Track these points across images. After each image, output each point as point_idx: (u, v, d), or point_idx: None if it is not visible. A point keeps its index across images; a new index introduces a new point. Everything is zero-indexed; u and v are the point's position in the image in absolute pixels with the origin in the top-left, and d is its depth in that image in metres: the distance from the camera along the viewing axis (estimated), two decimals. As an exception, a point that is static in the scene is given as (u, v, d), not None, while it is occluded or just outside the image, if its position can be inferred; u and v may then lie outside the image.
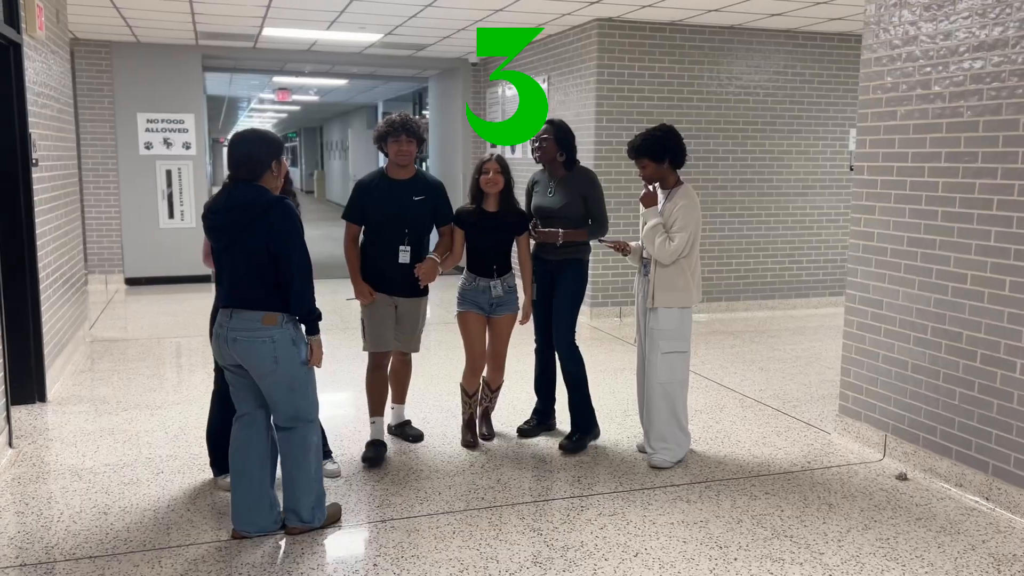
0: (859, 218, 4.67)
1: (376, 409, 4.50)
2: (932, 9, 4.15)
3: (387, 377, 4.54)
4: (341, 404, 5.45)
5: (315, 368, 3.46)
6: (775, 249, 8.88)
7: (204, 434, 4.77)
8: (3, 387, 4.50)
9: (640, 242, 4.36)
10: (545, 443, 4.69)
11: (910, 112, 4.32)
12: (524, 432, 4.81)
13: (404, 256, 4.28)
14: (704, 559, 3.35)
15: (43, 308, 5.39)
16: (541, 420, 4.88)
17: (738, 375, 6.24)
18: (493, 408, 4.80)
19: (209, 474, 4.17)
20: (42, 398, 5.35)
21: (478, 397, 4.65)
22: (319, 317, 3.36)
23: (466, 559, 3.33)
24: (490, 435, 4.72)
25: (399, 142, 4.23)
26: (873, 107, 4.55)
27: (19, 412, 5.10)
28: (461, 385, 4.60)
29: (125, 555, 3.33)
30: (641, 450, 4.57)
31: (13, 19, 5.07)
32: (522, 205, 4.63)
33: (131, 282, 10.26)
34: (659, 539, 3.52)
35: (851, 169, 8.87)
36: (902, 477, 4.23)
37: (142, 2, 7.48)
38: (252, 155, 3.29)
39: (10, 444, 4.51)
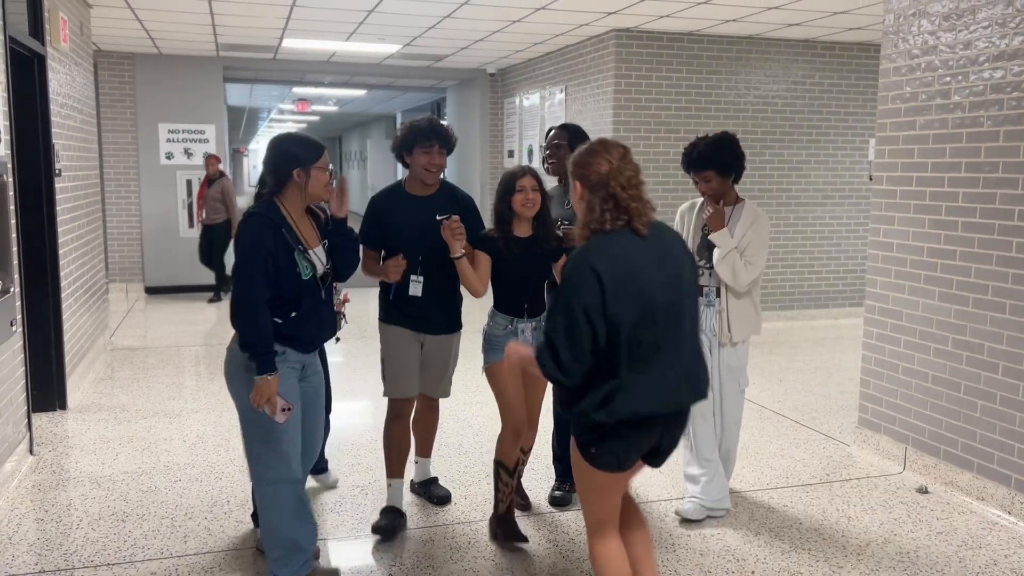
0: (878, 228, 4.64)
1: (395, 470, 3.69)
2: (951, 19, 4.12)
3: (409, 428, 3.77)
4: (359, 413, 5.46)
5: (284, 423, 2.84)
6: (794, 259, 8.82)
7: (221, 442, 4.81)
8: (25, 395, 4.56)
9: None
10: (561, 453, 4.67)
11: (929, 122, 4.29)
12: (558, 500, 3.99)
13: (415, 288, 3.52)
14: (721, 572, 3.32)
15: (64, 316, 5.45)
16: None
17: (757, 386, 6.19)
18: (522, 472, 3.88)
19: (225, 482, 4.20)
20: (63, 406, 5.40)
21: (520, 472, 3.72)
22: (257, 352, 2.76)
23: (480, 570, 3.32)
24: (527, 504, 3.92)
25: (430, 152, 3.45)
26: (892, 117, 4.53)
27: (40, 419, 5.15)
28: (497, 460, 3.53)
29: (142, 562, 3.35)
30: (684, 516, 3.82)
31: (38, 31, 5.15)
32: None
33: (151, 291, 10.34)
34: (676, 551, 3.50)
35: (870, 179, 8.80)
36: (922, 490, 4.18)
37: (164, 14, 7.58)
38: (267, 162, 2.96)
39: (31, 451, 4.55)
